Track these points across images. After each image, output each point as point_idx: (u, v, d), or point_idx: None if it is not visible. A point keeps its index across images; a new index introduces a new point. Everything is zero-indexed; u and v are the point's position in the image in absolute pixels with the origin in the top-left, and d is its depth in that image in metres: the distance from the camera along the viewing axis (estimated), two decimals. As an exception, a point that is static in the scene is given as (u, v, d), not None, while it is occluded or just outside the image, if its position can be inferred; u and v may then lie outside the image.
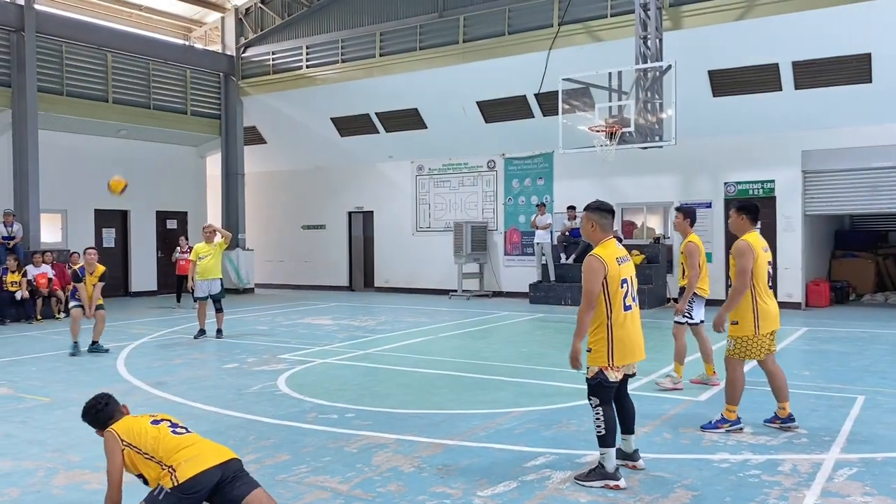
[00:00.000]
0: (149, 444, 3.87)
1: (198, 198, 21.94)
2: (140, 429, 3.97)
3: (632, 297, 4.93)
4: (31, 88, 16.50)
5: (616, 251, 4.92)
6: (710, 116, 15.83)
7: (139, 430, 3.98)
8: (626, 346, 4.85)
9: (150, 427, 3.99)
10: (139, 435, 3.95)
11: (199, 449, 3.85)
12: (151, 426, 4.00)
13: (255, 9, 21.30)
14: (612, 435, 4.78)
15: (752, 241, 5.89)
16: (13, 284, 14.56)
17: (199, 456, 3.78)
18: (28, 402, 7.45)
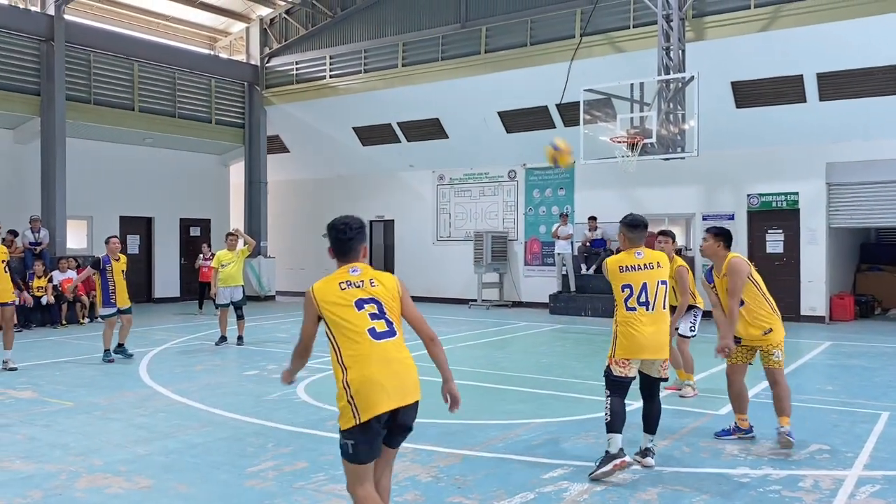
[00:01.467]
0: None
1: (221, 206, 22.16)
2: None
3: (637, 300, 5.28)
4: (59, 97, 16.78)
5: (626, 260, 5.42)
6: (733, 128, 15.73)
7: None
8: (628, 343, 5.25)
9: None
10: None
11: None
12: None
13: (280, 19, 21.53)
14: (617, 421, 5.16)
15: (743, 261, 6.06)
16: (39, 290, 14.78)
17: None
18: (52, 406, 7.55)
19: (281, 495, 4.85)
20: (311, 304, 3.68)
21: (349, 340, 3.53)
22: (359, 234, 3.77)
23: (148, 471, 5.37)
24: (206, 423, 6.82)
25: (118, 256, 10.65)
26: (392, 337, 3.58)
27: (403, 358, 3.61)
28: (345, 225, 3.76)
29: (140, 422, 6.88)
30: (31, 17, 16.77)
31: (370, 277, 3.70)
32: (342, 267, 3.74)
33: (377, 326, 3.56)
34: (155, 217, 20.40)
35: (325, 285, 3.68)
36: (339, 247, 3.78)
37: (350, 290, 3.62)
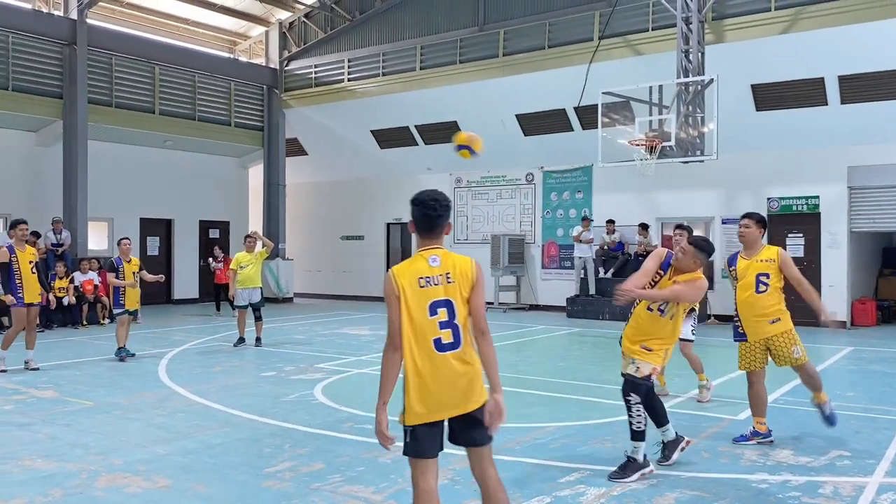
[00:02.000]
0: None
1: (240, 208, 22.33)
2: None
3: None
4: (81, 100, 16.98)
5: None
6: (753, 131, 15.62)
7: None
8: (669, 353, 5.50)
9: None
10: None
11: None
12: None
13: (299, 23, 21.65)
14: (645, 430, 5.31)
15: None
16: (61, 290, 14.94)
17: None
18: (72, 406, 7.63)
19: (298, 496, 4.87)
20: (392, 288, 3.54)
21: (413, 342, 3.48)
22: (447, 211, 3.65)
23: (166, 471, 5.42)
24: (224, 424, 6.87)
25: (129, 258, 10.87)
26: (455, 349, 3.50)
27: (465, 369, 3.51)
28: (434, 201, 3.62)
29: (159, 422, 6.94)
30: (54, 21, 16.98)
31: (447, 271, 3.57)
32: (423, 250, 3.63)
33: (443, 337, 3.49)
34: (175, 219, 20.59)
35: (408, 277, 3.55)
36: (425, 223, 3.64)
37: (428, 290, 3.52)
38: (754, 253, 6.22)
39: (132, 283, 10.72)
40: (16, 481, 5.15)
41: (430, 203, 3.61)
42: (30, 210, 16.81)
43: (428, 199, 3.62)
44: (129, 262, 10.82)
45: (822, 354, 11.25)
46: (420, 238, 3.66)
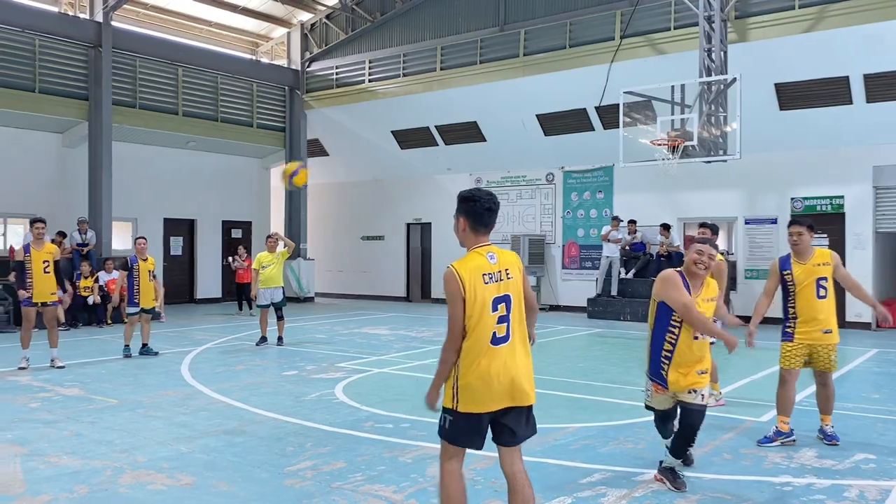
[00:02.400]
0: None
1: (262, 208, 22.49)
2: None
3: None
4: (106, 101, 17.19)
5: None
6: (777, 130, 15.46)
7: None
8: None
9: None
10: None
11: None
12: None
13: (320, 24, 21.76)
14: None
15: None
16: (86, 290, 15.15)
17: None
18: (97, 404, 7.73)
19: (319, 495, 4.90)
20: (457, 287, 3.57)
21: (472, 336, 3.57)
22: (498, 207, 3.75)
23: (190, 468, 5.47)
24: (247, 423, 6.92)
25: (145, 257, 11.09)
26: (507, 343, 3.61)
27: (515, 363, 3.62)
28: (490, 196, 3.69)
29: (182, 420, 7.01)
30: (80, 23, 17.21)
31: (506, 267, 3.68)
32: (479, 247, 3.69)
33: (498, 331, 3.60)
34: (198, 219, 20.78)
35: (471, 273, 3.60)
36: (481, 219, 3.69)
37: (491, 286, 3.61)
38: (809, 257, 6.21)
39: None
40: (43, 477, 5.23)
41: (487, 199, 3.68)
42: (56, 210, 17.08)
43: (484, 195, 3.70)
44: (145, 261, 11.03)
45: (847, 356, 11.11)
46: (474, 235, 3.72)
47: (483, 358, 3.56)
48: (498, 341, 3.59)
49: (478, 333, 3.57)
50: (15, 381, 8.96)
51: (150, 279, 11.03)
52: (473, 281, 3.59)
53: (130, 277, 10.93)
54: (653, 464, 5.59)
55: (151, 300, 11.15)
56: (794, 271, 6.21)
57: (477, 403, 3.58)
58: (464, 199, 3.73)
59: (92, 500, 4.79)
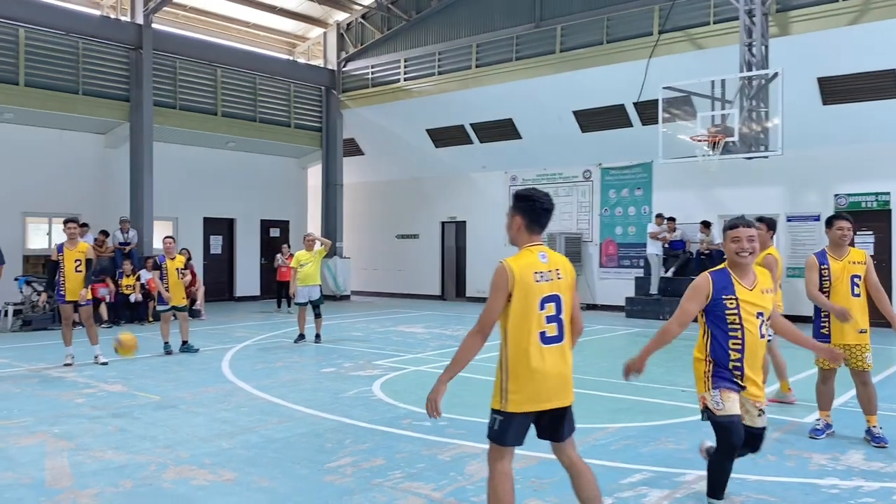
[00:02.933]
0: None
1: (299, 207, 22.70)
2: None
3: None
4: (147, 103, 17.48)
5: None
6: (820, 125, 15.13)
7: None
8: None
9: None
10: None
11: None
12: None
13: (356, 24, 21.87)
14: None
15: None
16: (128, 288, 15.43)
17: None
18: (140, 400, 7.86)
19: (359, 491, 4.92)
20: (506, 281, 3.57)
21: (520, 334, 3.59)
22: (553, 208, 3.77)
23: (231, 464, 5.53)
24: (286, 419, 6.98)
25: (173, 255, 11.34)
26: (559, 342, 3.65)
27: (565, 362, 3.67)
28: (547, 196, 3.72)
29: (223, 416, 7.09)
30: (121, 26, 17.52)
31: (556, 267, 3.70)
32: (531, 246, 3.71)
33: (548, 330, 3.62)
34: (237, 218, 21.05)
35: (522, 269, 3.61)
36: (538, 218, 3.71)
37: (542, 285, 3.62)
38: (844, 254, 6.17)
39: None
40: (89, 472, 5.33)
41: (545, 199, 3.71)
42: (98, 210, 17.45)
43: (543, 196, 3.72)
44: (173, 260, 11.28)
45: (892, 357, 10.84)
46: (528, 234, 3.73)
47: (533, 357, 3.57)
48: (549, 340, 3.61)
49: (526, 331, 3.58)
50: (61, 378, 9.16)
51: (178, 277, 11.24)
52: (524, 277, 3.60)
53: (160, 277, 11.24)
54: (694, 464, 5.51)
55: (181, 298, 11.35)
56: (830, 266, 6.16)
57: (526, 403, 3.59)
58: (522, 199, 3.73)
59: (136, 495, 4.87)
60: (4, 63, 15.74)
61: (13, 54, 15.89)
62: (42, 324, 14.13)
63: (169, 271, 11.19)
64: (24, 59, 16.01)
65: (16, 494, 4.84)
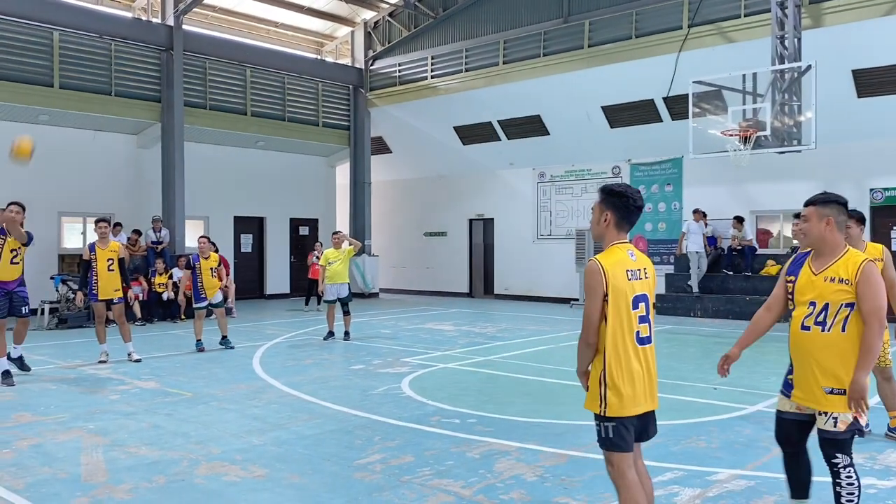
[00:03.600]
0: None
1: (328, 205, 22.84)
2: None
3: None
4: (178, 103, 17.69)
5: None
6: (855, 119, 14.84)
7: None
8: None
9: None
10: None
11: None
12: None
13: (383, 22, 21.91)
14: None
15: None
16: (160, 286, 15.64)
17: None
18: (173, 397, 7.97)
19: (388, 488, 4.93)
20: (600, 280, 3.47)
21: (618, 336, 3.50)
22: (643, 206, 3.71)
23: (262, 460, 5.58)
24: (316, 416, 7.03)
25: (207, 255, 11.49)
26: (650, 343, 3.59)
27: (654, 365, 3.64)
28: (638, 193, 3.62)
29: (254, 413, 7.16)
30: (152, 28, 17.75)
31: (644, 266, 3.63)
32: (618, 244, 3.61)
33: (642, 331, 3.55)
34: (266, 217, 21.24)
35: (614, 267, 3.52)
36: (628, 216, 3.60)
37: (633, 283, 3.54)
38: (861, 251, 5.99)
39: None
40: (123, 467, 5.41)
41: (635, 196, 3.60)
42: (131, 209, 17.71)
43: (634, 193, 3.61)
44: (207, 259, 11.45)
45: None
46: (617, 231, 3.63)
47: (633, 360, 3.50)
48: (643, 341, 3.53)
49: (623, 332, 3.49)
50: (95, 375, 9.31)
51: (211, 276, 11.42)
52: (617, 275, 3.50)
53: (194, 275, 11.40)
54: (726, 463, 5.45)
55: (217, 294, 11.58)
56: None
57: (626, 407, 3.50)
58: (614, 194, 3.60)
59: (169, 491, 4.93)
60: (40, 66, 16.04)
61: (48, 57, 16.18)
62: (77, 322, 14.37)
63: (203, 270, 11.35)
64: (58, 62, 16.29)
65: (52, 489, 4.93)
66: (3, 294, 8.56)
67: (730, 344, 4.96)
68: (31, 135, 8.89)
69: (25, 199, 9.24)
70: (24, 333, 9.07)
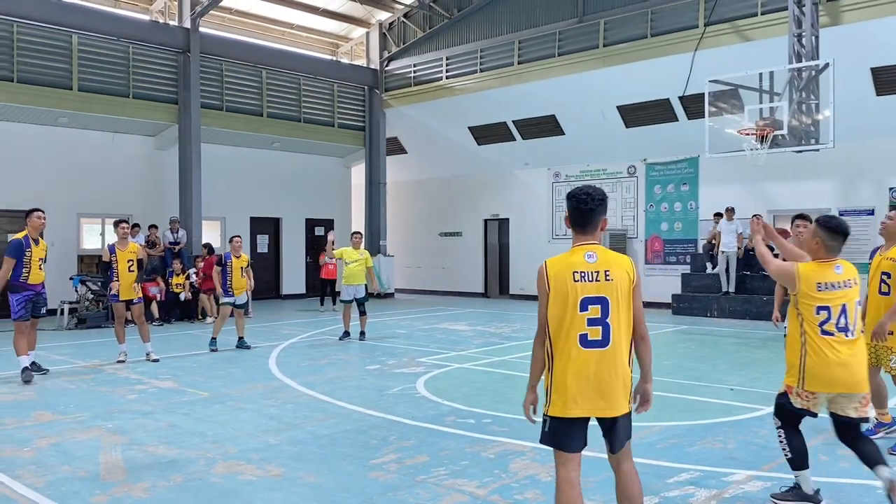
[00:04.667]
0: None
1: (343, 206, 22.93)
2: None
3: (836, 325, 4.39)
4: (195, 105, 17.83)
5: (824, 275, 4.46)
6: (873, 117, 14.70)
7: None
8: (818, 374, 4.40)
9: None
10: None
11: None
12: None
13: (398, 23, 21.96)
14: (800, 459, 4.56)
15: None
16: (178, 286, 15.76)
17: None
18: (190, 396, 8.03)
19: (403, 488, 4.95)
20: (542, 282, 3.56)
21: (560, 336, 3.52)
22: (600, 206, 3.62)
23: (278, 460, 5.62)
24: (332, 415, 7.06)
25: (239, 254, 11.66)
26: (603, 347, 3.49)
27: (608, 369, 3.49)
28: (587, 195, 3.61)
29: (270, 412, 7.21)
30: (169, 30, 17.90)
31: (606, 268, 3.54)
32: (579, 246, 3.62)
33: (590, 333, 3.49)
34: (282, 217, 21.35)
35: (560, 268, 3.55)
36: (578, 217, 3.63)
37: (581, 285, 3.51)
38: (886, 249, 5.92)
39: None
40: (141, 466, 5.47)
41: (582, 197, 3.61)
42: (149, 210, 17.86)
43: (580, 193, 3.62)
44: (238, 258, 11.59)
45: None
46: (575, 233, 3.66)
47: (571, 361, 3.48)
48: (589, 344, 3.48)
49: (565, 333, 3.49)
50: (114, 374, 9.40)
51: (241, 275, 11.59)
52: (560, 277, 3.52)
53: (224, 272, 11.52)
54: (743, 464, 5.42)
55: (243, 294, 11.78)
56: (872, 260, 6.02)
57: (564, 408, 3.50)
58: (567, 197, 3.69)
59: (187, 489, 4.97)
60: (59, 69, 16.22)
61: (67, 60, 16.36)
62: (96, 322, 14.51)
63: (234, 269, 11.52)
64: (77, 65, 16.47)
65: (72, 487, 4.99)
66: (33, 296, 9.08)
67: (747, 345, 4.94)
68: (58, 137, 9.37)
69: (45, 201, 9.58)
70: (35, 335, 9.45)
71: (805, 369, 4.43)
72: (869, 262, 6.08)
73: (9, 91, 15.46)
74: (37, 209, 9.30)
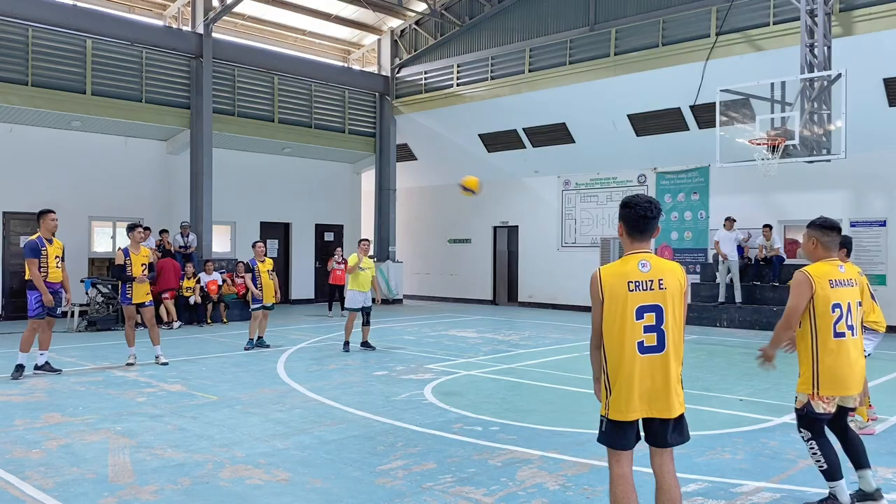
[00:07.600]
0: None
1: (353, 212, 22.98)
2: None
3: (846, 324, 4.57)
4: (207, 110, 17.93)
5: (832, 272, 4.63)
6: (886, 127, 14.63)
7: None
8: (835, 376, 4.53)
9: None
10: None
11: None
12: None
13: (410, 30, 22.03)
14: (835, 468, 4.58)
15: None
16: (188, 290, 15.82)
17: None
18: (198, 400, 8.05)
19: (410, 495, 4.95)
20: (596, 290, 3.65)
21: (615, 343, 3.60)
22: (659, 215, 3.70)
23: (285, 464, 5.62)
24: (339, 421, 7.07)
25: (263, 259, 12.11)
26: (658, 352, 3.59)
27: (663, 374, 3.60)
28: (649, 202, 3.67)
29: (278, 417, 7.22)
30: (182, 36, 18.02)
31: (660, 277, 3.62)
32: (631, 254, 3.68)
33: (646, 340, 3.58)
34: (292, 222, 21.41)
35: (615, 278, 3.63)
36: (638, 225, 3.66)
37: (636, 295, 3.58)
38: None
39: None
40: (149, 469, 5.49)
41: (645, 204, 3.66)
42: (160, 214, 17.95)
43: (643, 201, 3.68)
44: (263, 263, 12.09)
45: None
46: (630, 241, 3.71)
47: (628, 366, 3.57)
48: (646, 350, 3.56)
49: (622, 340, 3.58)
50: (123, 377, 9.44)
51: (269, 278, 12.04)
52: (614, 287, 3.60)
53: (254, 278, 11.97)
54: (752, 475, 5.39)
55: (271, 297, 12.17)
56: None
57: (621, 411, 3.60)
58: (622, 205, 3.74)
59: (194, 492, 4.99)
60: (73, 73, 16.35)
61: (81, 65, 16.49)
62: (106, 324, 14.58)
63: (261, 273, 11.98)
64: (91, 69, 16.59)
65: (80, 489, 5.02)
66: (52, 293, 9.31)
67: (756, 355, 4.94)
68: (71, 140, 9.61)
69: (56, 204, 9.70)
70: (51, 335, 9.66)
71: (819, 375, 4.53)
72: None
73: (23, 94, 15.60)
74: (50, 210, 9.48)
